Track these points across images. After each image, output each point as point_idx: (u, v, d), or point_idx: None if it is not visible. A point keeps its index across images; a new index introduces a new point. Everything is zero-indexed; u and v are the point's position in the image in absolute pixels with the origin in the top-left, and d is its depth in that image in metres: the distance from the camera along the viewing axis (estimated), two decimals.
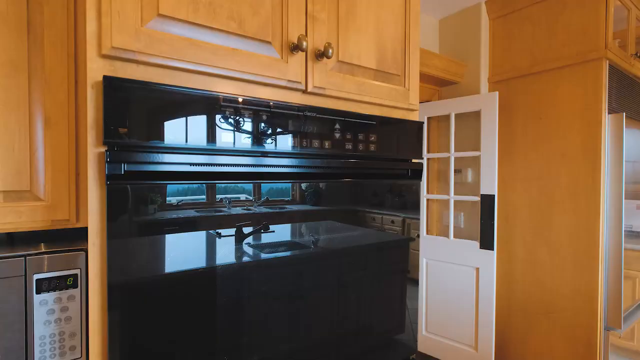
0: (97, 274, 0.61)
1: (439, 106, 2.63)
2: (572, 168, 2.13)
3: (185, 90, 0.64)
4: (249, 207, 0.75)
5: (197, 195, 0.69)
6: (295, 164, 0.78)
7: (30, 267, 0.73)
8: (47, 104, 0.82)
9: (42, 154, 0.82)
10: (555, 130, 2.20)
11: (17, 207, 0.79)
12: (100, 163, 0.59)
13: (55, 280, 0.75)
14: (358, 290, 0.89)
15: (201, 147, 0.66)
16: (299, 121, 0.76)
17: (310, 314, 0.81)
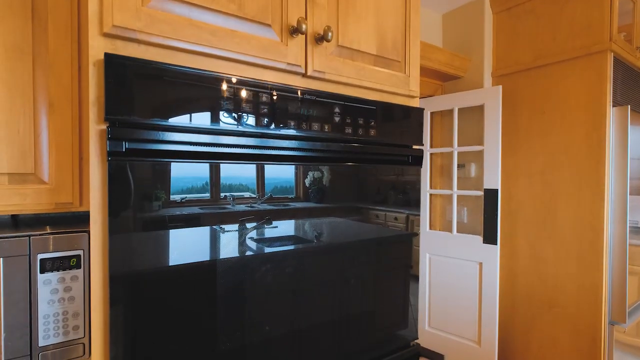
0: (98, 252, 0.62)
1: (442, 100, 2.62)
2: (576, 162, 2.11)
3: (185, 70, 0.64)
4: (253, 204, 0.76)
5: (201, 193, 0.70)
6: (295, 146, 0.79)
7: (35, 246, 0.74)
8: (51, 88, 0.83)
9: (46, 138, 0.83)
10: (559, 124, 2.18)
11: (21, 190, 0.80)
12: (101, 140, 0.60)
13: (58, 261, 0.76)
14: (359, 285, 0.90)
15: (201, 126, 0.67)
16: (299, 104, 0.77)
17: (311, 307, 0.82)
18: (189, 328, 0.69)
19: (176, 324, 0.67)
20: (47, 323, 0.75)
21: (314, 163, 0.82)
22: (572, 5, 2.12)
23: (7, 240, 0.72)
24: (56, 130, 0.84)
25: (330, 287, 0.85)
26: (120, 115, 0.58)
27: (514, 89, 2.39)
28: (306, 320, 0.81)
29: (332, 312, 0.85)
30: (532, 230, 2.32)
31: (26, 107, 0.81)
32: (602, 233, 2.00)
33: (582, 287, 2.08)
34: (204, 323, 0.70)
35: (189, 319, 0.69)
